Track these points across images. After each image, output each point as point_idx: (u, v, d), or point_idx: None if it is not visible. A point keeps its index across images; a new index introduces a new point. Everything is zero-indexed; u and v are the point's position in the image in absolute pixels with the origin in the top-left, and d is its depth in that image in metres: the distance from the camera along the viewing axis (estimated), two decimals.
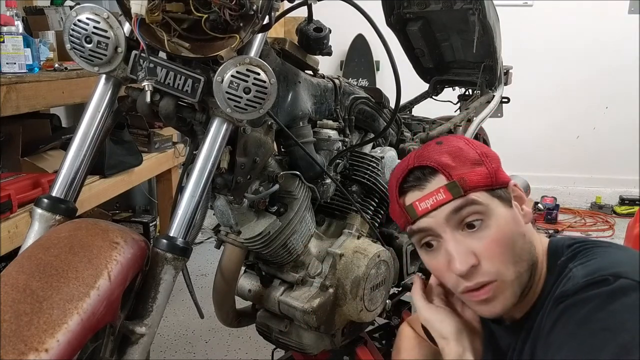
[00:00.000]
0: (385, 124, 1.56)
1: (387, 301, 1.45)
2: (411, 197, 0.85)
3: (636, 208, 3.38)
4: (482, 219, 0.81)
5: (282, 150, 1.31)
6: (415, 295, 0.96)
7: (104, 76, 0.98)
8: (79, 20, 0.92)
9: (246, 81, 0.91)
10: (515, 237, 0.82)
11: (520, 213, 0.86)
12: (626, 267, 0.73)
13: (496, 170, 0.85)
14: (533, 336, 0.82)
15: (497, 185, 0.84)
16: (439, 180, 0.83)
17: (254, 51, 0.98)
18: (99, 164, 2.01)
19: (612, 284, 0.71)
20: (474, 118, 1.97)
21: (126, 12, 0.90)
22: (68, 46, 0.94)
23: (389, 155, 1.50)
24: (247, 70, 0.91)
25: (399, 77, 1.25)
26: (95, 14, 0.92)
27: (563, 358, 0.71)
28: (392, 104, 1.37)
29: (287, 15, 1.20)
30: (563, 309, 0.74)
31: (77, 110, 2.82)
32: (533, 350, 0.82)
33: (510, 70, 2.31)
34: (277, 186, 1.18)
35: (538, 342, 0.80)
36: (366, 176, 1.44)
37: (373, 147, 1.55)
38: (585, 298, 0.72)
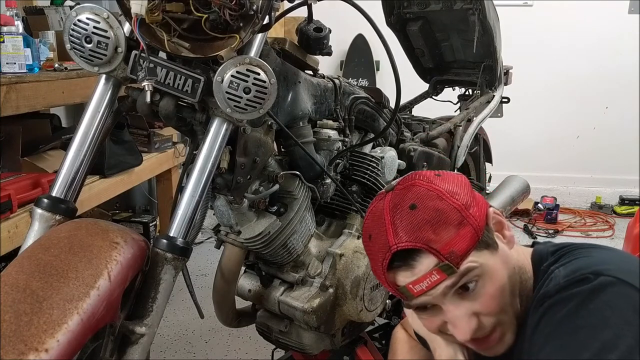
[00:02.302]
0: (385, 124, 1.56)
1: (387, 301, 1.45)
2: (402, 278, 0.80)
3: (636, 208, 3.37)
4: (477, 280, 0.79)
5: (282, 150, 1.31)
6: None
7: (104, 76, 0.98)
8: (79, 20, 0.92)
9: (246, 81, 0.91)
10: (506, 281, 0.81)
11: (503, 242, 0.83)
12: (607, 265, 0.73)
13: (478, 216, 0.79)
14: (520, 336, 0.82)
15: (482, 231, 0.79)
16: (429, 260, 0.77)
17: (254, 51, 0.98)
18: (99, 164, 2.01)
19: (592, 281, 0.71)
20: (474, 118, 1.97)
21: (126, 12, 0.90)
22: (68, 46, 0.94)
23: (389, 155, 1.50)
24: (247, 70, 0.91)
25: (399, 77, 1.25)
26: (95, 14, 0.92)
27: (547, 357, 0.71)
28: (392, 104, 1.37)
29: (287, 15, 1.20)
30: (545, 309, 0.75)
31: (77, 110, 2.82)
32: (519, 349, 0.82)
33: (510, 70, 2.31)
34: (277, 186, 1.18)
35: (525, 342, 0.80)
36: (366, 176, 1.44)
37: (373, 147, 1.55)
38: (566, 297, 0.72)
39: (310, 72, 1.33)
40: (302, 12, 1.20)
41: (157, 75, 0.93)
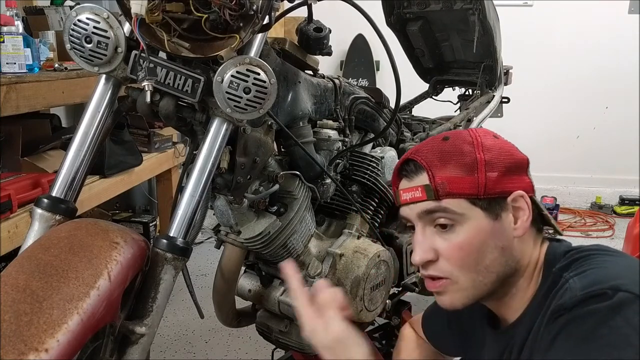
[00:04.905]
0: (385, 124, 1.56)
1: (387, 301, 1.45)
2: (402, 184, 0.89)
3: (636, 208, 3.37)
4: (453, 224, 0.83)
5: (282, 150, 1.31)
6: (299, 305, 0.88)
7: (104, 76, 0.98)
8: (79, 20, 0.92)
9: (246, 81, 0.91)
10: (484, 249, 0.83)
11: (511, 226, 0.84)
12: (624, 280, 0.73)
13: (494, 180, 0.82)
14: (530, 344, 0.81)
15: (489, 195, 0.82)
16: (423, 178, 0.85)
17: (254, 51, 0.98)
18: (99, 164, 2.01)
19: (611, 297, 0.70)
20: (474, 118, 1.97)
21: (126, 12, 0.90)
22: (68, 46, 0.94)
23: (389, 155, 1.50)
24: (247, 70, 0.91)
25: (399, 77, 1.25)
26: (95, 14, 0.92)
27: None
28: (392, 104, 1.37)
29: (287, 15, 1.20)
30: (563, 324, 0.73)
31: (77, 110, 2.82)
32: (528, 357, 0.81)
33: (510, 70, 2.31)
34: (277, 186, 1.18)
35: (535, 354, 0.79)
36: (366, 176, 1.44)
37: (373, 147, 1.55)
38: (585, 313, 0.71)
39: (310, 72, 1.33)
40: (302, 12, 1.20)
41: (157, 75, 0.93)
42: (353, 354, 0.81)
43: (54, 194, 0.94)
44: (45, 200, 0.93)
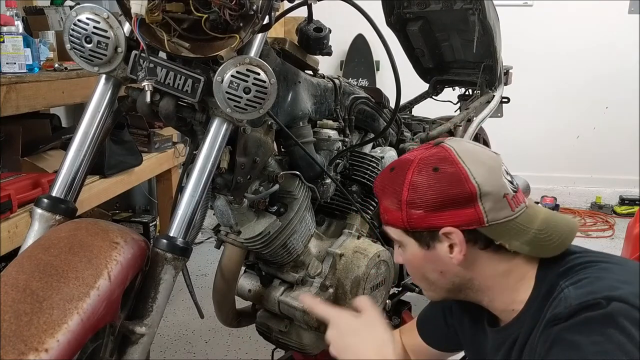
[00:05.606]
0: (385, 124, 1.56)
1: (387, 301, 1.45)
2: None
3: (636, 208, 3.37)
4: (399, 245, 0.94)
5: (282, 150, 1.31)
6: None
7: (104, 76, 0.98)
8: (79, 20, 0.92)
9: (246, 81, 0.91)
10: (423, 271, 0.93)
11: (448, 255, 0.86)
12: (619, 290, 0.74)
13: (418, 217, 0.86)
14: (527, 350, 0.82)
15: (416, 229, 0.88)
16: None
17: (254, 51, 0.98)
18: (99, 164, 2.00)
19: (605, 307, 0.72)
20: (474, 118, 1.97)
21: (126, 12, 0.90)
22: (68, 46, 0.94)
23: (389, 155, 1.51)
24: (247, 70, 0.91)
25: (399, 77, 1.25)
26: (95, 14, 0.92)
27: None
28: (392, 104, 1.37)
29: (287, 15, 1.20)
30: (558, 333, 0.75)
31: (77, 110, 2.82)
32: None
33: (510, 70, 2.31)
34: (277, 186, 1.18)
35: None
36: (366, 176, 1.44)
37: (373, 147, 1.55)
38: (579, 321, 0.73)
39: (310, 72, 1.33)
40: (302, 12, 1.20)
41: (157, 75, 0.93)
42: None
43: (54, 194, 0.94)
44: (45, 200, 0.93)
